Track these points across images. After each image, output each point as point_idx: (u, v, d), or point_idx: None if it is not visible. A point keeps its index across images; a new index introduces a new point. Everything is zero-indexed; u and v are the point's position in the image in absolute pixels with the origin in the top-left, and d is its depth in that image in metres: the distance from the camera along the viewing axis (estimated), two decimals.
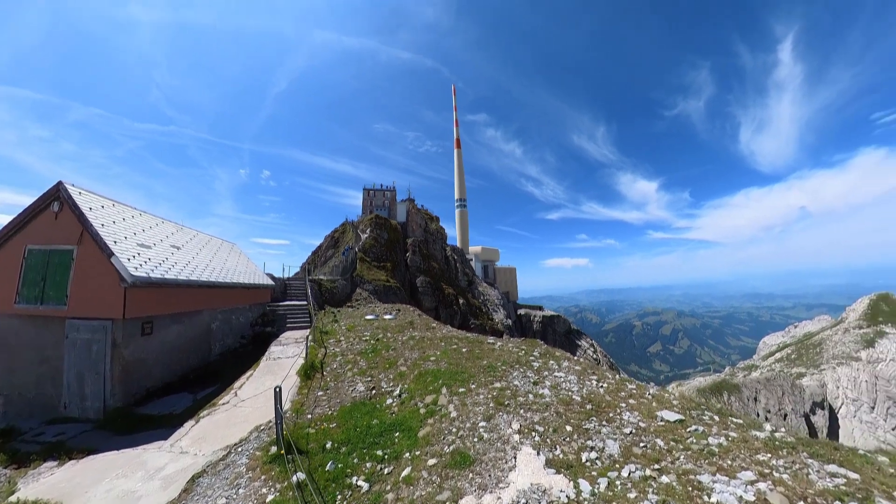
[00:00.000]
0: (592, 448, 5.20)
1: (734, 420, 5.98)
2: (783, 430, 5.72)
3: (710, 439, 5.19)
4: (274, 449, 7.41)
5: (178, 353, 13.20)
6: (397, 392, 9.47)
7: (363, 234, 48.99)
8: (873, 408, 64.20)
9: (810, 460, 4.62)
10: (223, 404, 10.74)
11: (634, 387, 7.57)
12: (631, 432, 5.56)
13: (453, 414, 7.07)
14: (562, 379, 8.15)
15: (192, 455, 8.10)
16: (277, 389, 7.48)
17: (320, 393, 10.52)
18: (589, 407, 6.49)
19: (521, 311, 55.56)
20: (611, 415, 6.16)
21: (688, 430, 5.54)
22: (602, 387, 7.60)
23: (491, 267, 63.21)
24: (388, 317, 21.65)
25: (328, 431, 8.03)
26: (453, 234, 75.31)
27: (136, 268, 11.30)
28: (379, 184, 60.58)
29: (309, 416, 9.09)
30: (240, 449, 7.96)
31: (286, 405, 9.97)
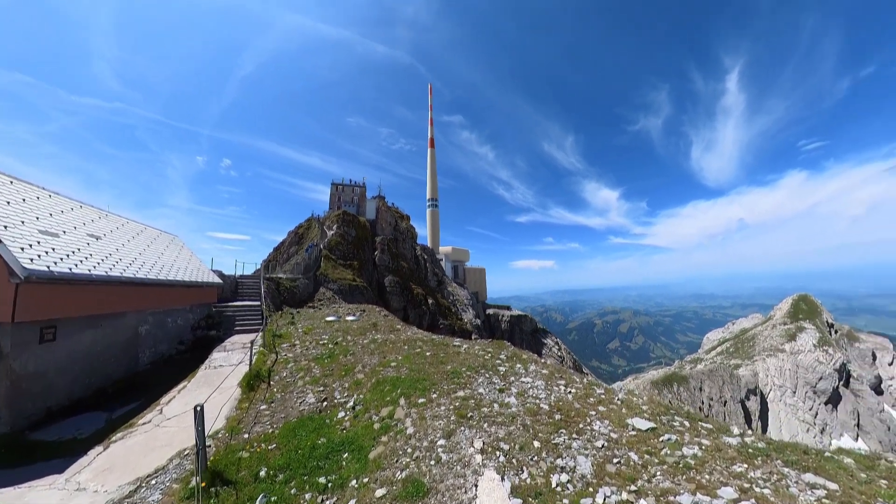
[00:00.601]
0: (563, 468, 4.59)
1: (704, 425, 5.68)
2: (750, 434, 5.49)
3: (685, 449, 4.79)
4: (196, 481, 6.15)
5: (92, 364, 11.18)
6: (351, 403, 8.45)
7: (329, 230, 46.65)
8: (795, 392, 71.73)
9: (786, 469, 4.32)
10: (143, 424, 9.10)
11: (602, 391, 7.17)
12: (603, 445, 5.04)
13: (410, 430, 6.22)
14: (529, 385, 7.59)
15: (90, 492, 6.58)
16: (198, 408, 6.22)
17: (263, 407, 9.22)
18: (558, 417, 5.93)
19: (490, 311, 55.75)
20: (581, 425, 5.64)
21: (660, 439, 5.13)
22: (570, 393, 7.13)
23: (461, 267, 62.92)
24: (350, 318, 20.32)
25: (265, 454, 6.86)
26: (424, 233, 74.32)
27: (33, 259, 9.31)
28: (348, 179, 58.22)
29: (246, 435, 7.82)
30: (154, 481, 6.58)
31: (220, 422, 8.60)
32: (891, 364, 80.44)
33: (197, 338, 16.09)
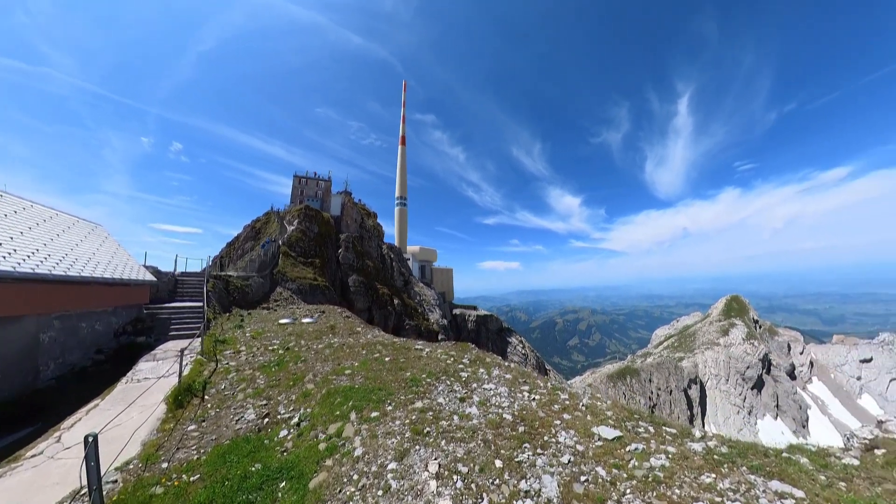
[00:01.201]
0: (527, 493, 4.10)
1: (668, 430, 5.51)
2: (712, 437, 5.39)
3: (653, 460, 4.51)
4: None
5: None
6: (296, 419, 7.45)
7: (290, 225, 43.80)
8: (727, 380, 79.41)
9: (752, 476, 4.16)
10: (33, 456, 7.42)
11: (567, 397, 6.85)
12: (569, 461, 4.63)
13: (359, 451, 5.44)
14: (492, 392, 7.10)
15: None
16: (90, 439, 4.97)
17: (192, 427, 7.91)
18: (521, 429, 5.47)
19: (457, 312, 55.52)
20: (546, 437, 5.21)
21: (627, 449, 4.83)
22: (534, 399, 6.73)
23: (428, 267, 62.09)
24: (307, 320, 18.85)
25: (185, 489, 5.72)
26: (391, 232, 72.55)
27: None
28: (312, 172, 55.23)
29: (165, 464, 6.56)
30: None
31: (133, 449, 7.21)
32: (801, 353, 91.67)
33: (121, 345, 13.91)
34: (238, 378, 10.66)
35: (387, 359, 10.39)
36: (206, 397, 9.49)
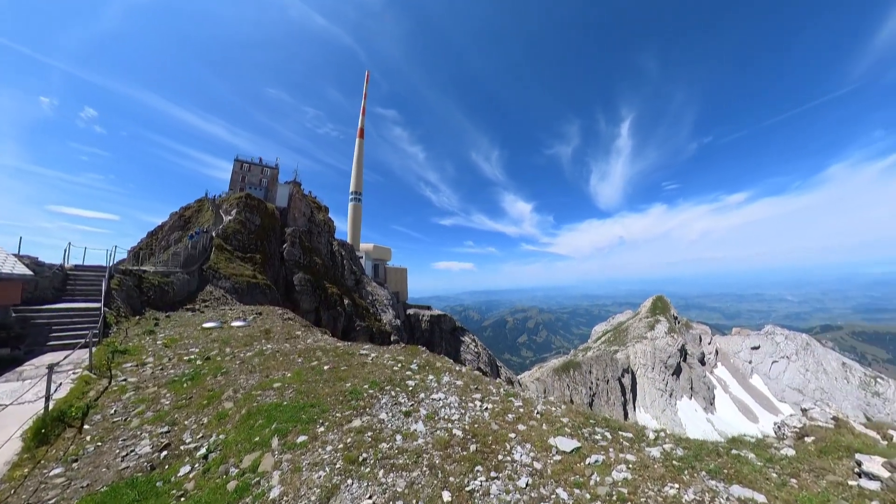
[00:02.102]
0: None
1: (623, 434, 5.26)
2: (665, 437, 5.26)
3: (614, 473, 4.14)
4: None
5: None
6: (204, 450, 6.01)
7: (227, 215, 39.17)
8: (653, 368, 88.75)
9: (713, 482, 3.99)
10: None
11: (521, 404, 6.39)
12: (527, 484, 4.06)
13: (276, 491, 4.34)
14: (441, 403, 6.38)
15: None
16: None
17: (58, 471, 6.02)
18: (473, 448, 4.82)
19: (411, 311, 54.35)
20: (500, 456, 4.62)
21: (587, 462, 4.43)
22: (487, 409, 6.14)
23: (382, 266, 59.91)
24: (238, 324, 16.54)
25: None
26: (344, 228, 68.96)
27: None
28: (257, 157, 50.16)
29: None
30: None
31: None
32: (709, 343, 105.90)
33: None
34: (137, 398, 8.67)
35: (326, 367, 9.15)
36: (87, 427, 7.48)
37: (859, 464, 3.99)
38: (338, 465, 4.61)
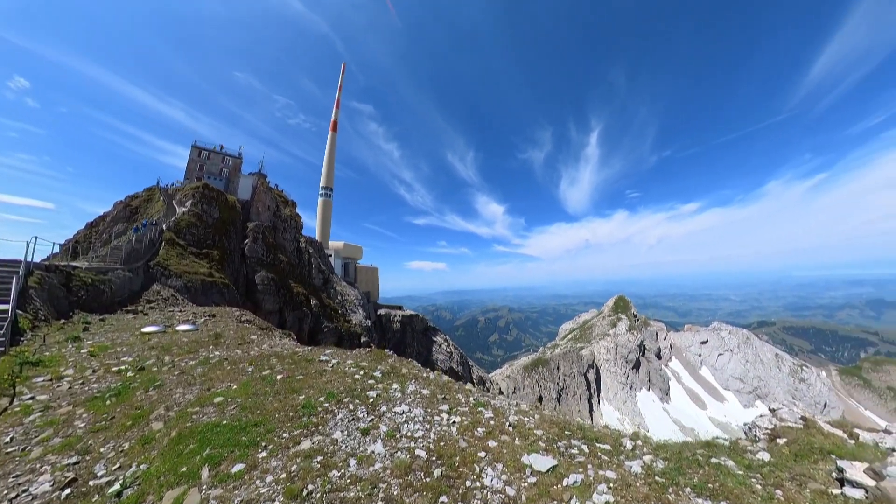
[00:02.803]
0: None
1: (601, 447, 4.94)
2: (643, 446, 5.00)
3: (595, 497, 3.76)
4: None
5: None
6: (118, 486, 4.96)
7: (181, 206, 35.89)
8: (615, 363, 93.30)
9: (700, 500, 3.70)
10: None
11: (491, 414, 5.92)
12: None
13: None
14: (404, 417, 5.75)
15: None
16: None
17: None
18: (438, 472, 4.25)
19: (382, 312, 52.93)
20: (469, 482, 4.09)
21: (565, 483, 4.02)
22: (454, 423, 5.60)
23: (352, 265, 57.81)
24: (185, 328, 14.87)
25: None
26: (313, 224, 65.89)
27: None
28: (218, 145, 46.41)
29: None
30: None
31: None
32: (665, 339, 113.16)
33: None
34: (43, 421, 7.26)
35: (279, 377, 8.20)
36: None
37: (841, 470, 3.90)
38: (278, 500, 3.86)
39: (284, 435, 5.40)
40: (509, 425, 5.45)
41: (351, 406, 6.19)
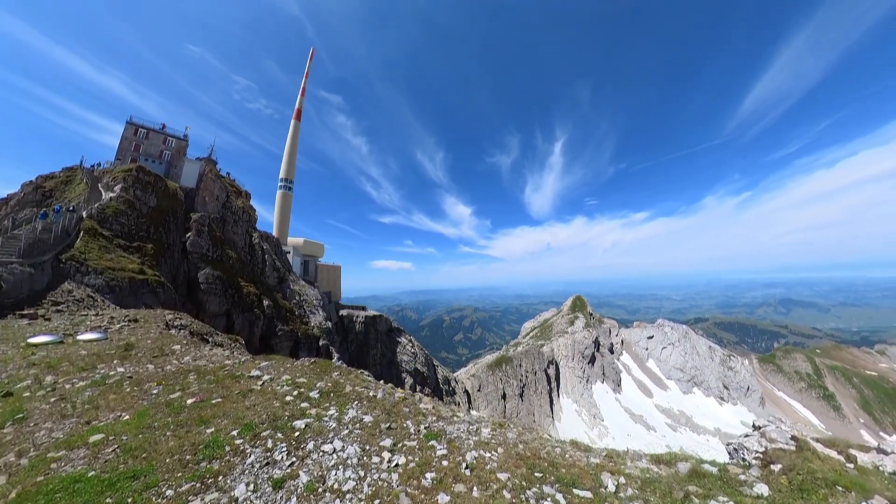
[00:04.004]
0: None
1: (579, 494, 4.10)
2: (626, 483, 4.23)
3: None
4: None
5: None
6: None
7: (108, 191, 31.07)
8: (573, 358, 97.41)
9: None
10: None
11: (445, 451, 4.86)
12: None
13: None
14: (334, 460, 4.53)
15: None
16: None
17: None
18: None
19: (344, 313, 50.15)
20: None
21: None
22: (397, 467, 4.47)
23: (312, 263, 54.20)
24: (89, 336, 12.27)
25: None
26: (271, 219, 61.14)
27: None
28: (160, 124, 41.01)
29: None
30: None
31: None
32: (616, 335, 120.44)
33: None
34: None
35: (190, 401, 6.56)
36: None
37: None
38: None
39: (168, 492, 3.97)
40: (466, 467, 4.44)
41: (269, 443, 4.86)
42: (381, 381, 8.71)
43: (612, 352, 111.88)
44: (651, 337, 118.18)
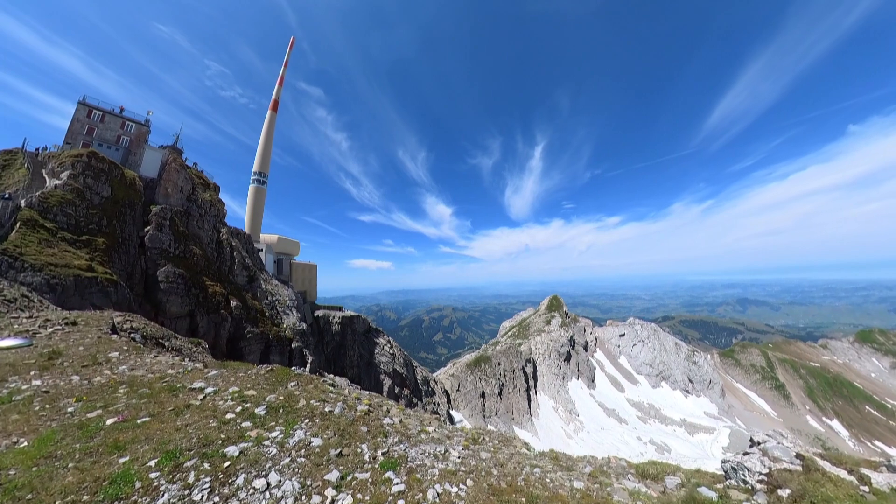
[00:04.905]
0: None
1: None
2: None
3: None
4: None
5: None
6: None
7: (54, 178, 28.09)
8: (550, 356, 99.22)
9: None
10: None
11: (403, 485, 4.09)
12: None
13: None
14: (265, 501, 3.66)
15: None
16: None
17: None
18: None
19: (320, 313, 48.13)
20: None
21: None
22: None
23: (287, 261, 51.68)
24: (9, 343, 10.57)
25: None
26: (242, 214, 57.90)
27: None
28: (118, 106, 37.56)
29: None
30: None
31: None
32: (591, 333, 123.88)
33: None
34: None
35: (109, 421, 5.49)
36: None
37: None
38: None
39: None
40: None
41: (191, 476, 3.96)
42: (348, 390, 7.86)
43: (586, 349, 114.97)
44: (623, 335, 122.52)
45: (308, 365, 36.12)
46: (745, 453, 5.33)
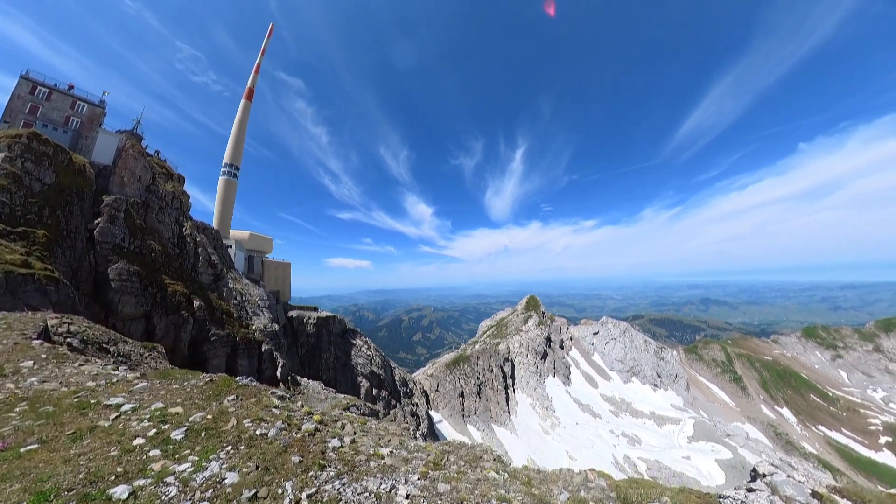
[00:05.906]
0: None
1: None
2: None
3: None
4: None
5: None
6: None
7: None
8: (527, 355, 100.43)
9: None
10: None
11: None
12: None
13: None
14: None
15: None
16: None
17: None
18: None
19: (294, 314, 45.85)
20: None
21: None
22: None
23: (258, 259, 48.89)
24: None
25: None
26: (210, 208, 54.32)
27: None
28: (67, 83, 33.97)
29: None
30: None
31: None
32: (566, 332, 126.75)
33: None
34: None
35: None
36: None
37: None
38: None
39: None
40: None
41: None
42: (300, 403, 6.92)
43: (562, 347, 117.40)
44: (596, 333, 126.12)
45: (279, 368, 34.19)
46: (749, 489, 4.64)
